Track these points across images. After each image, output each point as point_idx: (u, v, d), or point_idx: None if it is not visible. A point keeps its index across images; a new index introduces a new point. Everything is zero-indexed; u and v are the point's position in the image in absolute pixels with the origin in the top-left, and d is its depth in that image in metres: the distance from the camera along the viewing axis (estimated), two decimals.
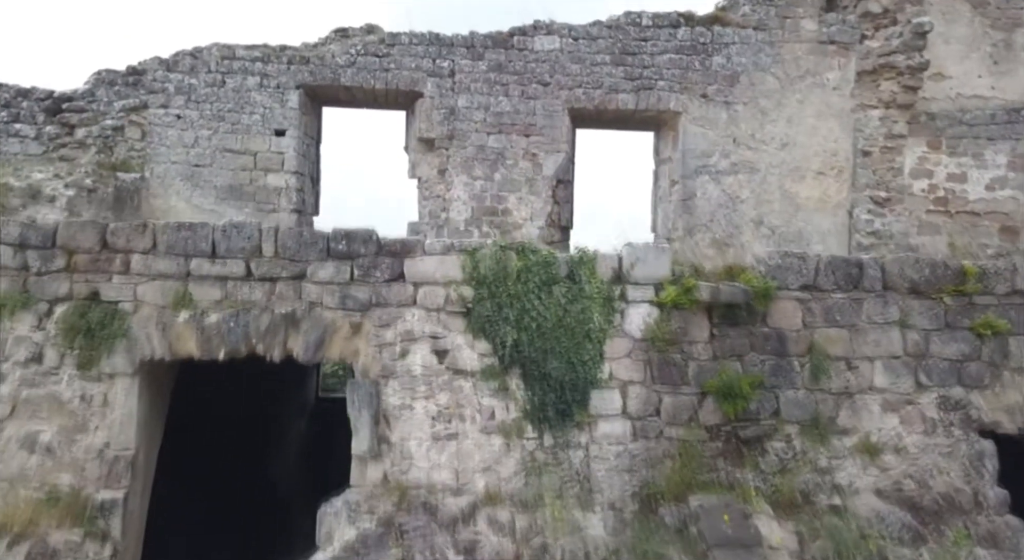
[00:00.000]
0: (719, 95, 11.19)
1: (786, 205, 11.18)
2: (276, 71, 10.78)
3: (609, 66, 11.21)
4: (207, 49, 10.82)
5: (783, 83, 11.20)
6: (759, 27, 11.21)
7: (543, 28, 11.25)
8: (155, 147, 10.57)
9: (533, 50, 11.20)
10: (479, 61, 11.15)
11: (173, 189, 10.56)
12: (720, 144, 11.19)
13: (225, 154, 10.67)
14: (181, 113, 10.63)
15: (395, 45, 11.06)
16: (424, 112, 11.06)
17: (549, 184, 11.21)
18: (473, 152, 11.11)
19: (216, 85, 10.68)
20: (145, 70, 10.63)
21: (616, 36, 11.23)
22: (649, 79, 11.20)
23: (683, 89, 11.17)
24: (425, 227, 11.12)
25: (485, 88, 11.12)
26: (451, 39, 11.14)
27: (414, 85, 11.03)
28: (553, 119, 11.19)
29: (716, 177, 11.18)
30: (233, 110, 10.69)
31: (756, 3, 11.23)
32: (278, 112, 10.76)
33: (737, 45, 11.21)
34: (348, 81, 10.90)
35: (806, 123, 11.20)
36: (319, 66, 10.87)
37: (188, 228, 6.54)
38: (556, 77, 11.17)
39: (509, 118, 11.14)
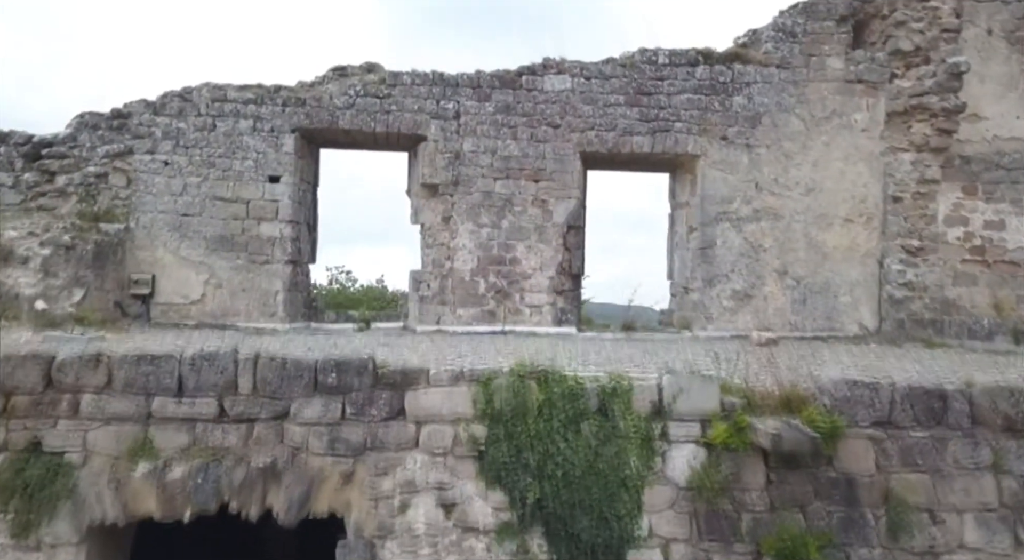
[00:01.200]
0: (740, 137, 10.55)
1: (812, 254, 10.51)
2: (270, 113, 10.15)
3: (623, 107, 10.57)
4: (197, 90, 10.19)
5: (808, 125, 10.55)
6: (782, 65, 10.58)
7: (553, 67, 10.62)
8: (141, 195, 9.92)
9: (543, 90, 10.57)
10: (486, 102, 10.52)
11: (160, 240, 9.90)
12: (741, 189, 10.54)
13: (215, 202, 10.02)
14: (169, 159, 9.99)
15: (396, 85, 10.43)
16: (427, 156, 10.42)
17: (560, 232, 10.55)
18: (479, 198, 10.46)
19: (206, 129, 10.05)
20: (130, 113, 10.00)
21: (631, 75, 10.60)
22: (666, 120, 10.56)
23: (702, 131, 10.53)
24: (428, 276, 10.46)
25: (492, 131, 10.49)
26: (456, 79, 10.52)
27: (417, 128, 10.40)
28: (564, 163, 10.55)
29: (737, 224, 10.52)
30: (224, 155, 10.05)
31: (779, 40, 10.60)
32: (272, 157, 10.12)
33: (759, 84, 10.57)
34: (346, 124, 10.26)
35: (833, 167, 10.55)
36: (316, 108, 10.23)
37: (150, 361, 5.63)
38: (567, 119, 10.54)
39: (517, 162, 10.50)
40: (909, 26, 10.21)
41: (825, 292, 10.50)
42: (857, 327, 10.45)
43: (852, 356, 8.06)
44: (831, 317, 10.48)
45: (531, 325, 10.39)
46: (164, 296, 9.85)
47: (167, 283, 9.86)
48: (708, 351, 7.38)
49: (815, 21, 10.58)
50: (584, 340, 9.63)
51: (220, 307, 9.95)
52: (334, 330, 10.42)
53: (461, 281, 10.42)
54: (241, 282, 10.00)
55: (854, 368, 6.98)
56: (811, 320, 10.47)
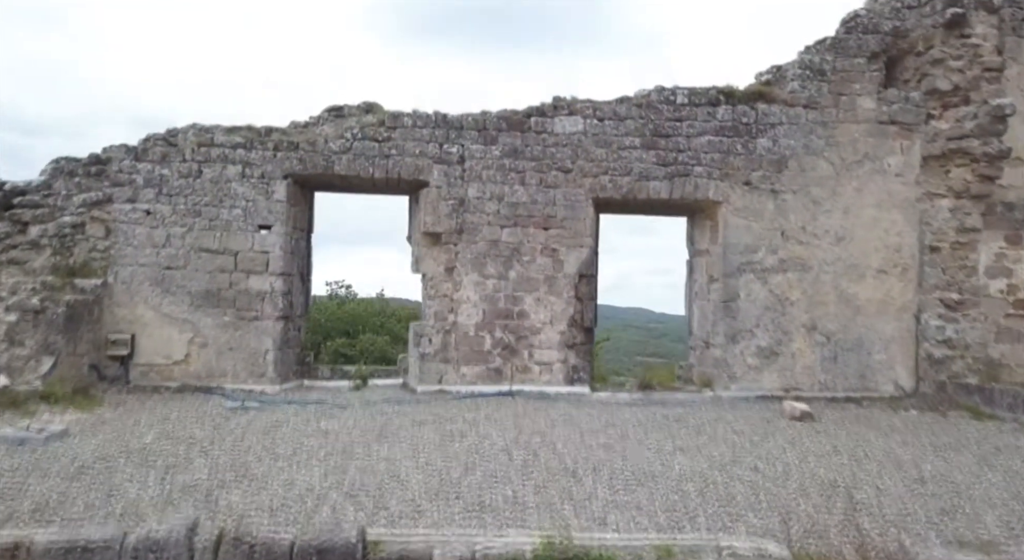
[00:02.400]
0: (765, 182, 9.83)
1: (843, 308, 9.76)
2: (260, 159, 9.44)
3: (639, 150, 9.86)
4: (182, 133, 9.50)
5: (838, 169, 9.83)
6: (810, 105, 9.87)
7: (564, 108, 9.92)
8: (120, 247, 9.21)
9: (553, 132, 9.87)
10: (492, 145, 9.82)
11: (140, 296, 9.17)
12: (766, 238, 9.80)
13: (201, 254, 9.30)
14: (151, 208, 9.28)
15: (397, 128, 9.74)
16: (430, 203, 9.71)
17: (571, 282, 9.82)
18: (485, 248, 9.74)
19: (191, 176, 9.35)
20: (110, 159, 9.31)
21: (647, 116, 9.89)
22: (685, 164, 9.85)
23: (724, 175, 9.81)
24: (430, 330, 9.72)
25: (499, 176, 9.78)
26: (460, 121, 9.82)
27: (418, 173, 9.69)
28: (575, 210, 9.83)
29: (762, 275, 9.78)
30: (211, 204, 9.35)
31: (806, 78, 9.90)
32: (262, 205, 9.41)
33: (785, 126, 9.86)
34: (343, 169, 9.56)
35: (865, 214, 9.82)
36: (309, 152, 9.53)
37: (80, 554, 4.33)
38: (579, 163, 9.83)
39: (526, 209, 9.78)
40: (947, 64, 9.51)
41: (857, 349, 9.73)
42: (893, 387, 9.68)
43: (913, 450, 7.06)
44: (864, 376, 9.71)
45: (541, 384, 9.64)
46: (145, 356, 9.12)
47: (148, 342, 9.13)
48: (754, 469, 6.34)
49: (845, 58, 9.89)
50: (599, 405, 8.87)
51: (205, 367, 9.21)
52: (329, 389, 9.70)
53: (465, 336, 9.67)
54: (228, 340, 9.27)
55: (930, 482, 6.07)
56: (843, 379, 9.70)
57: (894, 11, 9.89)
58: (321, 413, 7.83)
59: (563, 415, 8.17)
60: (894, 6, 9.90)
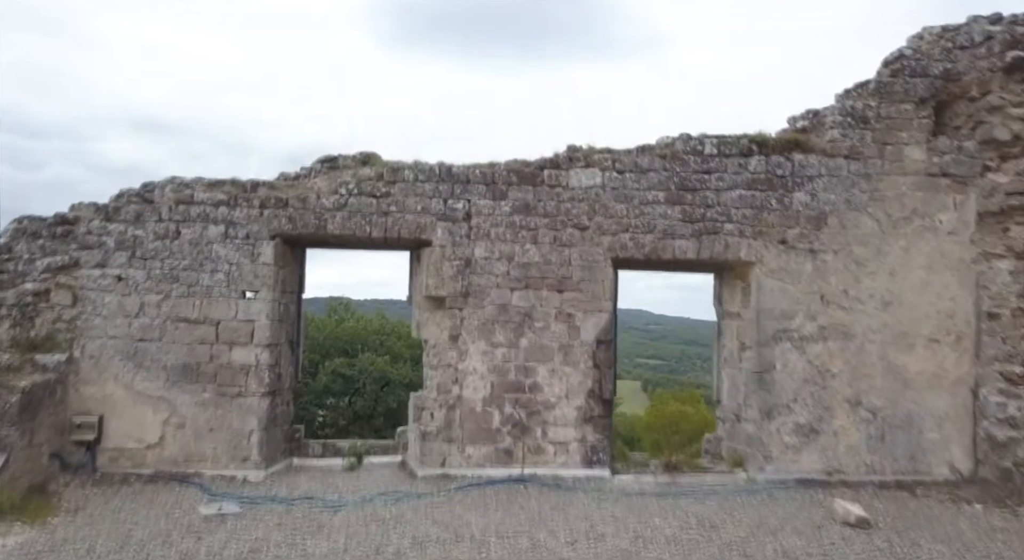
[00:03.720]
0: (802, 241, 8.89)
1: (890, 381, 8.79)
2: (245, 218, 8.54)
3: (663, 205, 8.94)
4: (159, 188, 8.61)
5: (883, 226, 8.90)
6: (852, 155, 8.95)
7: (580, 159, 9.02)
8: (88, 318, 8.30)
9: (568, 186, 8.96)
10: (501, 201, 8.91)
11: (110, 372, 8.25)
12: (805, 302, 8.85)
13: (179, 325, 8.38)
14: (123, 273, 8.37)
15: (396, 182, 8.84)
16: (432, 264, 8.79)
17: (588, 351, 8.87)
18: (494, 313, 8.81)
19: (168, 237, 8.44)
20: (78, 219, 8.42)
21: (672, 168, 8.98)
22: (714, 221, 8.92)
23: (757, 233, 8.88)
24: (432, 404, 8.77)
25: (509, 234, 8.86)
26: (466, 174, 8.92)
27: (420, 231, 8.78)
28: (593, 271, 8.90)
29: (800, 344, 8.82)
30: (190, 268, 8.43)
31: (847, 126, 8.98)
32: (247, 269, 8.50)
33: (824, 178, 8.94)
34: (337, 228, 8.66)
35: (914, 277, 8.87)
36: (300, 210, 8.63)
37: None
38: (597, 219, 8.91)
39: (538, 270, 8.86)
40: (1006, 111, 8.59)
41: (907, 427, 8.76)
42: (948, 470, 8.70)
43: None
44: (915, 457, 8.73)
45: (556, 466, 8.68)
46: (114, 440, 8.18)
47: (118, 424, 8.19)
48: None
49: (890, 104, 8.97)
50: (623, 498, 7.91)
51: (182, 451, 8.27)
52: (320, 470, 8.76)
53: (471, 412, 8.72)
54: (208, 420, 8.33)
55: None
56: (891, 461, 8.72)
57: (944, 52, 8.97)
58: (308, 523, 6.86)
59: (583, 517, 7.21)
60: (944, 47, 8.99)
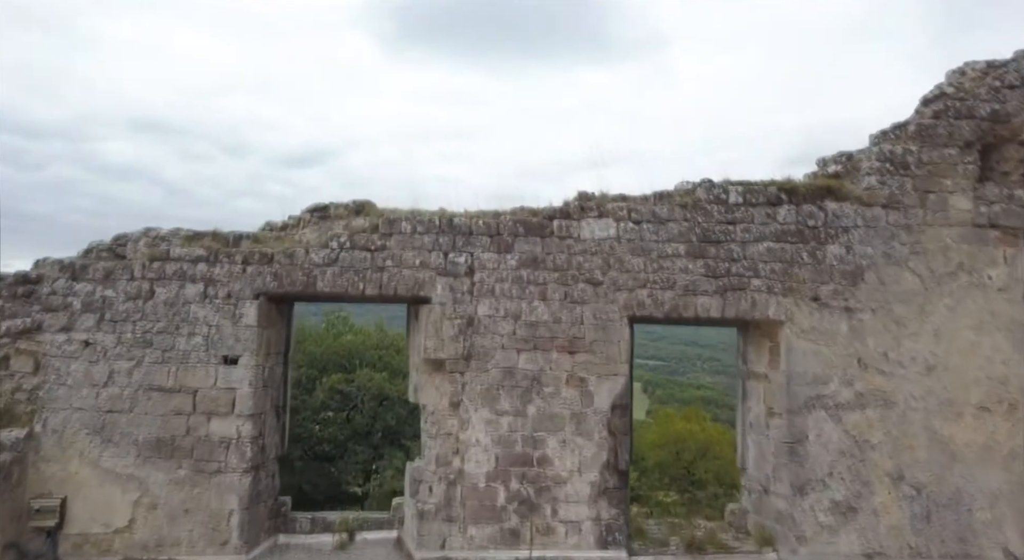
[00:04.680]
0: (837, 298, 8.11)
1: (936, 454, 7.98)
2: (226, 275, 7.79)
3: (684, 259, 8.18)
4: (132, 242, 7.88)
5: (926, 282, 8.11)
6: (890, 205, 8.18)
7: (592, 209, 8.26)
8: (52, 387, 7.54)
9: (580, 238, 8.20)
10: (507, 254, 8.16)
11: (75, 448, 7.48)
12: (840, 366, 8.06)
13: (151, 394, 7.62)
14: (91, 338, 7.62)
15: (392, 234, 8.09)
16: (432, 324, 8.02)
17: (603, 419, 8.08)
18: (498, 377, 8.03)
19: (141, 297, 7.70)
20: (41, 278, 7.68)
21: (693, 217, 8.22)
22: (740, 276, 8.14)
23: (787, 290, 8.11)
24: (431, 477, 7.98)
25: (515, 290, 8.10)
26: (468, 225, 8.17)
27: (418, 288, 8.02)
28: (608, 331, 8.12)
29: (836, 413, 8.02)
30: (165, 331, 7.68)
31: (885, 172, 8.21)
32: (228, 331, 7.74)
33: (860, 229, 8.17)
34: (327, 285, 7.91)
35: (961, 338, 8.08)
36: (287, 266, 7.88)
37: None
38: (611, 274, 8.14)
39: (548, 330, 8.09)
40: None
41: (955, 505, 7.94)
42: (1002, 554, 7.88)
43: None
44: (965, 539, 7.91)
45: (567, 548, 7.87)
46: (79, 524, 7.40)
47: (83, 507, 7.42)
48: None
49: (932, 148, 8.20)
50: None
51: (154, 535, 7.49)
52: (308, 549, 7.97)
53: (474, 488, 7.93)
54: (183, 500, 7.55)
55: None
56: (937, 543, 7.90)
57: (992, 92, 8.21)
58: None
59: None
60: (991, 85, 8.23)
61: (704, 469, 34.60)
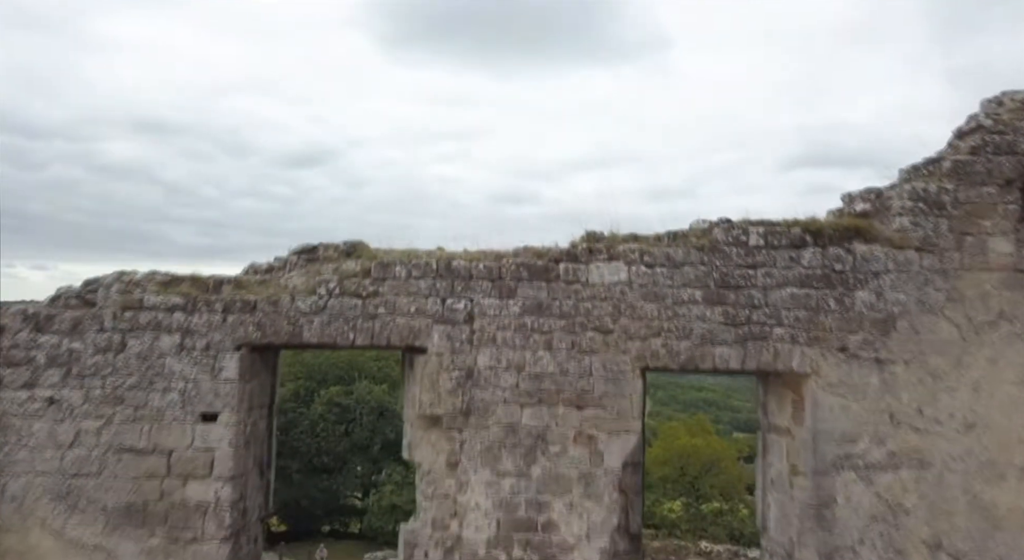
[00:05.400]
0: (867, 349, 7.48)
1: (977, 520, 7.34)
2: (205, 325, 7.18)
3: (701, 305, 7.56)
4: (103, 288, 7.27)
5: (964, 332, 7.49)
6: (924, 248, 7.57)
7: (601, 251, 7.66)
8: (12, 450, 6.93)
9: (588, 283, 7.59)
10: (509, 299, 7.55)
11: (36, 516, 6.86)
12: (870, 423, 7.43)
13: (122, 456, 7.00)
14: (56, 395, 7.02)
15: (386, 279, 7.49)
16: (427, 376, 7.41)
17: (614, 480, 7.45)
18: (500, 434, 7.42)
19: (112, 350, 7.09)
20: (2, 329, 7.07)
21: (711, 261, 7.61)
22: (761, 324, 7.53)
23: (812, 339, 7.49)
24: (427, 542, 7.35)
25: (518, 339, 7.50)
26: (468, 268, 7.57)
27: (413, 337, 7.42)
28: (619, 384, 7.50)
29: (866, 474, 7.38)
30: (137, 387, 7.07)
31: (918, 212, 7.61)
32: (207, 386, 7.13)
33: (892, 274, 7.55)
34: (315, 335, 7.31)
35: (1003, 393, 7.44)
36: (271, 314, 7.28)
37: None
38: (623, 322, 7.53)
39: (554, 382, 7.48)
40: None
41: None
42: None
43: None
44: None
45: None
46: None
47: None
48: None
49: (969, 186, 7.60)
50: None
51: None
52: None
53: (473, 556, 7.29)
54: None
55: None
56: None
57: None
58: None
59: None
60: None
61: (709, 484, 33.95)
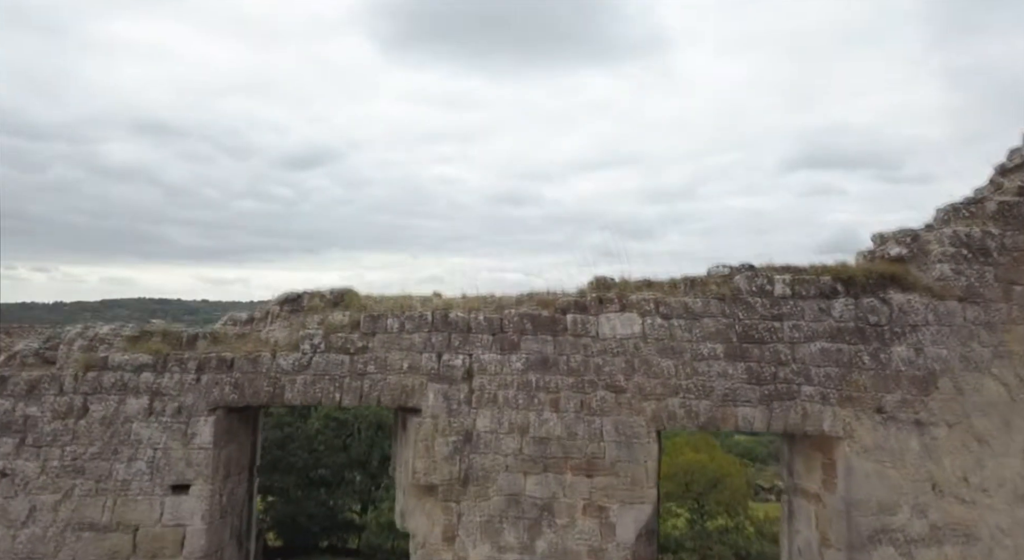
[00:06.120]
0: (905, 409, 6.80)
1: None
2: (176, 386, 6.51)
3: (723, 361, 6.88)
4: (65, 344, 6.60)
5: (1013, 391, 6.81)
6: (968, 298, 6.90)
7: (613, 300, 6.99)
8: None
9: (599, 336, 6.92)
10: (511, 354, 6.89)
11: None
12: (911, 492, 6.73)
13: (82, 534, 6.32)
14: (8, 466, 6.34)
15: (376, 332, 6.83)
16: (421, 440, 6.72)
17: (627, 555, 6.74)
18: (501, 505, 6.72)
19: (73, 415, 6.42)
20: None
21: (733, 312, 6.94)
22: (788, 382, 6.85)
23: (844, 399, 6.80)
24: None
25: (521, 398, 6.82)
26: (467, 320, 6.91)
27: (406, 397, 6.74)
28: (632, 448, 6.82)
29: (907, 549, 6.68)
30: (100, 456, 6.39)
31: (960, 259, 6.94)
32: (178, 454, 6.44)
33: (932, 327, 6.87)
34: (297, 395, 6.64)
35: None
36: (249, 373, 6.61)
37: None
38: (636, 379, 6.85)
39: (560, 447, 6.80)
40: None
41: None
42: None
43: None
44: None
45: None
46: None
47: None
48: None
49: (1017, 230, 6.95)
50: None
51: None
52: None
53: None
54: None
55: None
56: None
57: None
58: None
59: None
60: None
61: (715, 500, 33.19)
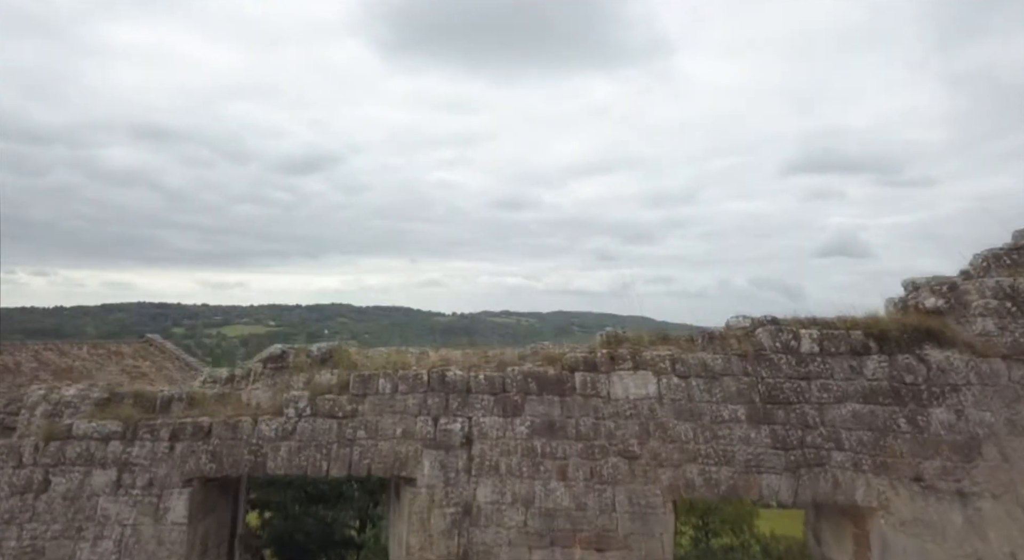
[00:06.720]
0: (946, 478, 6.21)
1: None
2: (148, 456, 5.94)
3: (744, 424, 6.31)
4: (26, 409, 6.04)
5: None
6: (1014, 356, 6.33)
7: (625, 358, 6.42)
8: None
9: (610, 397, 6.36)
10: (515, 417, 6.32)
11: None
12: None
13: None
14: None
15: (367, 395, 6.26)
16: (416, 514, 6.14)
17: None
18: None
19: (32, 491, 5.84)
20: None
21: (755, 370, 6.37)
22: (816, 448, 6.27)
23: (879, 467, 6.22)
24: None
25: (526, 466, 6.24)
26: (466, 380, 6.34)
27: (400, 466, 6.16)
28: (647, 521, 6.23)
29: None
30: (63, 536, 5.81)
31: (1003, 313, 6.38)
32: (148, 532, 5.87)
33: (975, 388, 6.30)
34: (281, 465, 6.07)
35: None
36: (229, 441, 6.04)
37: None
38: (651, 445, 6.28)
39: (568, 520, 6.21)
40: None
41: None
42: None
43: None
44: None
45: None
46: None
47: None
48: None
49: None
50: None
51: None
52: None
53: None
54: None
55: None
56: None
57: None
58: None
59: None
60: None
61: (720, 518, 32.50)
